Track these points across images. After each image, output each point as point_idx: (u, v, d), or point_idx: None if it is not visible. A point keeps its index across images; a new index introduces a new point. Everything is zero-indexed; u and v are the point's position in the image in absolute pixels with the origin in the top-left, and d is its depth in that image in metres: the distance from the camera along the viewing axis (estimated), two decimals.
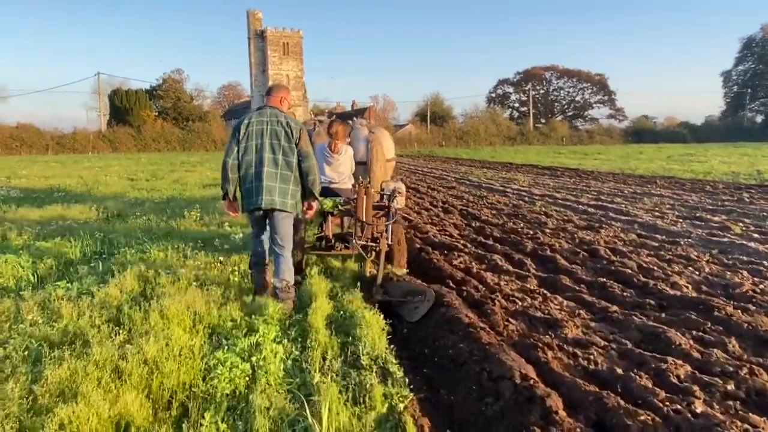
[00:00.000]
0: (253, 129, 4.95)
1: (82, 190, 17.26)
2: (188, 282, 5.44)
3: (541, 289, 5.70)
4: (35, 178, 23.34)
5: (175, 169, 28.87)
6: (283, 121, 4.97)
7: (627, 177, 20.90)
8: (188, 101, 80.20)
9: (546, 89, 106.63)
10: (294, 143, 5.00)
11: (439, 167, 30.62)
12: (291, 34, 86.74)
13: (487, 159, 39.14)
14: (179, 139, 65.61)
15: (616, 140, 79.15)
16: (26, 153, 56.72)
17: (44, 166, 32.34)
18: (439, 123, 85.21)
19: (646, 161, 33.01)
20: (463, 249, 7.66)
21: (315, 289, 5.42)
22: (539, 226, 9.71)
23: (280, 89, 5.31)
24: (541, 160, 35.76)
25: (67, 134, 62.08)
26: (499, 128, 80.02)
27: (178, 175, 23.56)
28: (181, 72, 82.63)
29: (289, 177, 4.97)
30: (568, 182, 19.18)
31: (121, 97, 73.99)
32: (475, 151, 57.67)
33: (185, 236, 7.89)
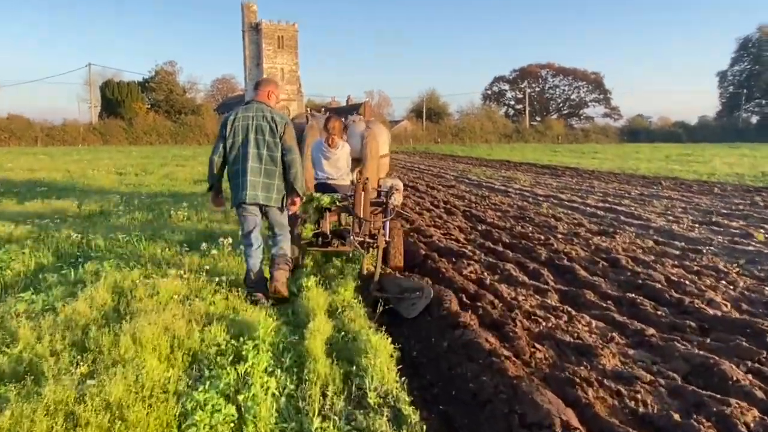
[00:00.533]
0: (239, 124, 4.96)
1: (67, 185, 16.53)
2: (169, 295, 4.80)
3: (565, 306, 5.10)
4: (20, 170, 22.54)
5: (166, 163, 28.10)
6: (269, 116, 4.97)
7: (629, 177, 20.38)
8: (181, 94, 79.05)
9: (542, 87, 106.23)
10: (278, 138, 4.99)
11: (436, 164, 30.03)
12: (286, 28, 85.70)
13: (484, 156, 38.60)
14: (171, 133, 64.60)
15: (611, 139, 78.86)
16: (15, 145, 55.57)
17: (31, 159, 31.47)
18: (435, 119, 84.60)
19: (644, 161, 32.56)
20: (472, 256, 7.05)
21: (312, 305, 4.80)
22: (549, 230, 9.13)
23: (268, 83, 5.30)
24: (539, 158, 35.27)
25: (57, 126, 60.99)
26: (495, 125, 79.53)
27: (169, 170, 22.84)
28: (174, 64, 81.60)
29: (273, 172, 4.99)
30: (571, 182, 18.63)
31: (112, 89, 72.77)
32: (471, 149, 57.08)
33: (169, 239, 7.23)
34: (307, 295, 5.03)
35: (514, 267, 6.51)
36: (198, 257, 6.30)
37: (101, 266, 5.77)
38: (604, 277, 6.17)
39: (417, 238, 8.28)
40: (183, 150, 47.06)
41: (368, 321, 4.68)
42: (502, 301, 5.24)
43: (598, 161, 32.24)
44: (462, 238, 8.50)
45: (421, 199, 13.70)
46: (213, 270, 5.74)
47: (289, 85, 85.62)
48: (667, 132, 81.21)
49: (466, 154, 42.71)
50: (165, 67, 78.90)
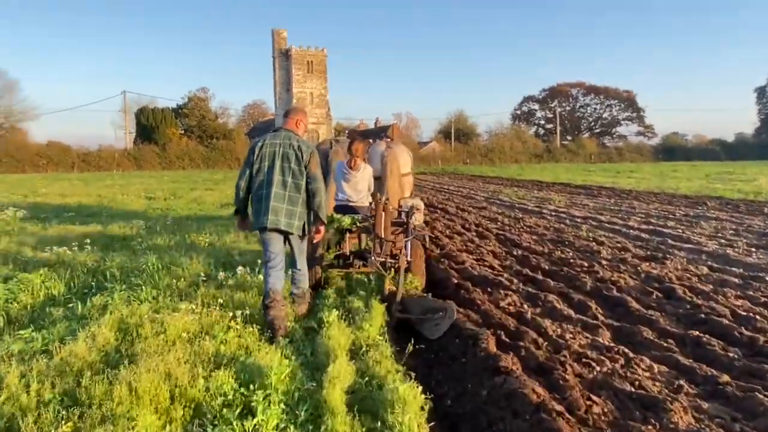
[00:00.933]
0: (266, 151, 5.04)
1: (95, 210, 16.52)
2: (177, 333, 4.37)
3: (620, 346, 4.48)
4: (53, 195, 22.85)
5: (195, 187, 28.24)
6: (295, 144, 5.04)
7: (671, 197, 19.44)
8: (213, 119, 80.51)
9: (572, 106, 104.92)
10: (304, 166, 5.03)
11: (465, 185, 29.45)
12: (315, 53, 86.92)
13: (515, 177, 37.83)
14: (203, 157, 65.57)
15: (646, 158, 76.90)
16: (53, 170, 57.10)
17: (66, 184, 32.06)
18: (464, 140, 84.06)
19: (684, 180, 31.38)
20: (509, 286, 6.46)
21: (333, 344, 4.30)
22: (592, 255, 8.47)
23: (296, 112, 5.39)
24: (573, 178, 34.36)
25: (93, 152, 62.50)
26: (525, 145, 78.52)
27: (198, 194, 22.84)
28: (206, 90, 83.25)
29: (297, 199, 5.02)
30: (608, 202, 17.83)
31: (147, 116, 74.58)
32: (501, 169, 56.32)
33: (187, 268, 6.86)
34: (328, 333, 4.53)
35: (556, 298, 5.91)
36: (214, 288, 5.88)
37: (111, 299, 5.40)
38: (660, 311, 5.51)
39: (448, 265, 7.74)
40: (213, 174, 47.58)
41: (395, 363, 4.15)
42: (546, 339, 4.65)
43: (635, 180, 31.20)
44: (497, 265, 7.92)
45: (452, 221, 13.15)
46: (228, 303, 5.30)
47: (318, 108, 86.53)
48: (704, 150, 78.91)
49: (496, 175, 42.01)
50: (198, 94, 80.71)
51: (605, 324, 5.10)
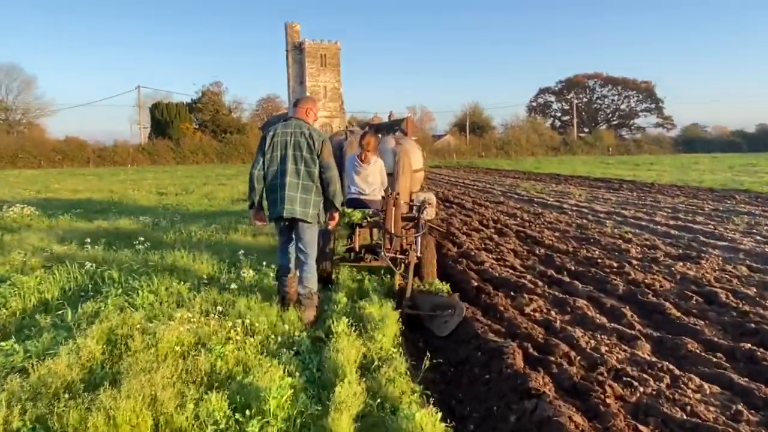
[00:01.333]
0: (278, 140, 5.06)
1: (106, 205, 16.27)
2: (170, 346, 3.96)
3: (663, 362, 3.98)
4: (65, 191, 22.70)
5: (208, 182, 28.01)
6: (306, 133, 5.05)
7: (695, 190, 18.72)
8: (227, 114, 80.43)
9: (589, 97, 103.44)
10: (316, 154, 5.04)
11: (481, 179, 28.85)
12: (329, 46, 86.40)
13: (532, 170, 37.07)
14: (217, 152, 65.54)
15: (665, 150, 75.41)
16: (68, 166, 57.42)
17: (80, 180, 32.03)
18: (479, 133, 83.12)
19: (707, 172, 30.49)
20: (533, 289, 5.98)
21: (342, 360, 3.86)
22: (620, 254, 7.94)
23: (306, 101, 5.40)
24: (591, 171, 33.60)
25: (108, 147, 62.75)
26: (542, 138, 77.38)
27: (210, 189, 22.56)
28: (219, 85, 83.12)
29: (310, 187, 5.05)
30: (631, 196, 17.18)
31: (162, 111, 74.66)
32: (516, 162, 55.49)
33: (188, 271, 6.46)
34: (336, 345, 4.09)
35: (586, 304, 5.41)
36: (216, 292, 5.47)
37: (104, 305, 5.02)
38: (702, 318, 4.99)
39: (467, 265, 7.26)
40: (226, 169, 47.43)
41: (411, 381, 3.71)
42: (580, 353, 4.16)
43: (656, 173, 30.37)
44: (518, 265, 7.43)
45: (468, 217, 12.64)
46: (228, 310, 4.89)
47: (331, 102, 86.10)
48: (726, 141, 77.16)
49: (513, 168, 41.29)
50: (211, 88, 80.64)
51: (644, 334, 4.60)
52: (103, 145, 63.80)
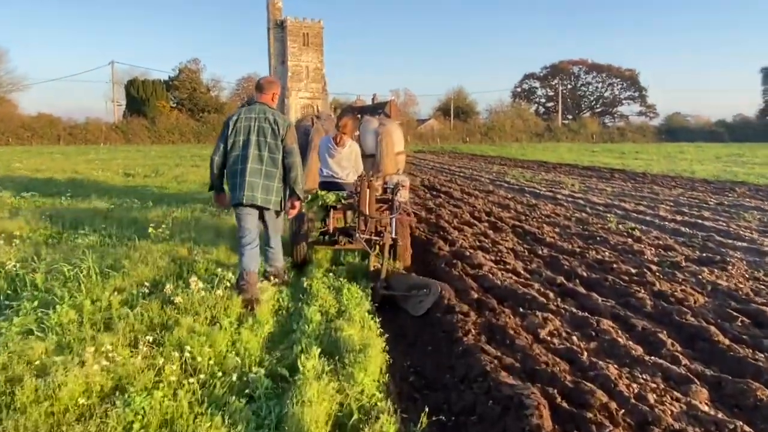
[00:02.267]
0: (241, 125, 4.99)
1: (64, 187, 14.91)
2: (72, 398, 2.89)
3: (735, 421, 3.02)
4: (25, 170, 21.20)
5: (181, 163, 26.60)
6: (271, 118, 5.00)
7: (690, 182, 17.99)
8: (205, 92, 78.00)
9: (574, 84, 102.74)
10: (280, 140, 5.00)
11: (467, 165, 27.89)
12: (311, 25, 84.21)
13: (518, 157, 36.27)
14: (194, 131, 63.43)
15: (648, 138, 75.14)
16: (37, 143, 55.06)
17: (45, 158, 30.32)
18: (463, 118, 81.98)
19: (695, 162, 29.98)
20: (546, 304, 4.99)
21: (308, 418, 2.83)
22: (635, 256, 7.01)
23: (271, 86, 5.28)
24: (578, 159, 32.84)
25: (80, 124, 60.19)
26: (526, 124, 76.55)
27: (181, 171, 21.22)
28: (197, 62, 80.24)
29: (273, 174, 4.99)
30: (626, 187, 16.37)
31: (137, 88, 72.11)
32: (501, 148, 54.56)
33: (129, 273, 5.34)
34: (303, 393, 3.05)
35: (612, 325, 4.44)
36: (156, 307, 4.39)
37: (9, 326, 3.90)
38: (758, 348, 4.05)
39: (462, 269, 6.25)
40: (203, 149, 45.60)
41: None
42: (623, 404, 3.18)
43: (644, 162, 29.71)
44: (521, 269, 6.44)
45: (458, 208, 11.65)
46: (165, 337, 3.81)
47: (314, 83, 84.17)
48: (708, 131, 77.14)
49: (498, 154, 40.42)
50: (189, 65, 78.05)
51: (695, 373, 3.64)
52: (75, 122, 61.29)
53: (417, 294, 5.06)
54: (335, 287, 5.41)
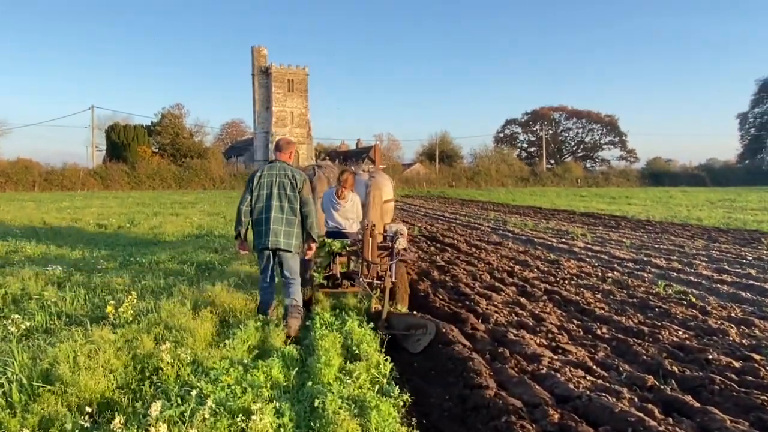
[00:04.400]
0: (264, 180, 5.87)
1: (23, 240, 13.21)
2: None
3: None
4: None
5: (161, 211, 24.96)
6: (290, 174, 5.89)
7: (705, 230, 16.88)
8: (187, 137, 76.87)
9: (555, 130, 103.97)
10: (298, 192, 5.86)
11: (461, 212, 26.71)
12: (296, 71, 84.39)
13: (509, 202, 35.36)
14: (175, 177, 61.64)
15: (632, 183, 75.24)
16: (12, 190, 52.81)
17: (15, 206, 28.40)
18: (447, 162, 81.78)
19: (692, 207, 29.22)
20: (655, 428, 3.53)
21: None
22: (717, 338, 5.63)
23: (289, 146, 6.25)
24: (572, 205, 32.00)
25: (56, 170, 58.00)
26: (511, 168, 76.23)
27: (159, 221, 19.59)
28: (180, 107, 79.57)
29: (293, 221, 5.85)
30: (641, 237, 15.17)
31: (118, 133, 70.79)
32: (488, 192, 53.93)
33: (68, 389, 3.78)
34: None
35: None
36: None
37: None
38: None
39: (517, 365, 4.79)
40: (184, 195, 44.04)
41: None
42: None
43: (641, 208, 28.85)
44: (588, 359, 5.01)
45: (472, 265, 10.28)
46: None
47: (299, 128, 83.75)
48: (691, 175, 77.59)
49: (488, 199, 39.53)
50: (172, 111, 77.10)
51: None
52: (51, 167, 59.16)
53: (415, 333, 5.60)
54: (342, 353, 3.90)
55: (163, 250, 11.48)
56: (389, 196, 8.99)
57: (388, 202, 8.92)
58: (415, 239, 14.86)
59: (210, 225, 18.05)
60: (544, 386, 4.30)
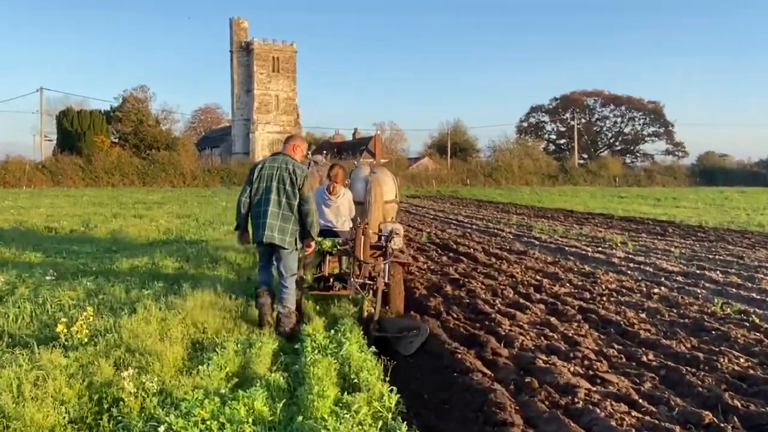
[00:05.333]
0: (265, 173, 6.80)
1: None
2: None
3: None
4: None
5: (121, 212, 24.99)
6: (291, 168, 6.77)
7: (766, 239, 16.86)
8: (153, 125, 77.04)
9: (588, 118, 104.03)
10: (297, 188, 6.74)
11: (477, 215, 26.74)
12: (282, 48, 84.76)
13: (534, 204, 35.45)
14: (139, 172, 61.52)
15: (681, 181, 75.35)
16: None
17: None
18: (461, 156, 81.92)
19: (750, 211, 29.51)
20: None
21: None
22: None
23: (295, 139, 7.36)
24: (609, 207, 32.18)
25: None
26: (537, 164, 76.28)
27: (120, 224, 19.64)
28: (145, 90, 79.64)
29: (289, 217, 6.73)
30: (691, 245, 15.26)
31: (71, 119, 70.79)
32: (510, 192, 54.07)
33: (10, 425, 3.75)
34: None
35: None
36: None
37: None
38: None
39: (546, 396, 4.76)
40: (150, 194, 44.12)
41: None
42: None
43: (692, 212, 28.93)
44: (632, 390, 4.98)
45: (492, 279, 10.28)
46: None
47: (285, 115, 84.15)
48: (750, 173, 77.69)
49: (509, 200, 39.66)
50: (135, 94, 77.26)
51: None
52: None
53: (407, 335, 6.36)
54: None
55: (125, 259, 11.49)
56: (391, 197, 9.50)
57: (389, 203, 9.43)
58: (423, 247, 14.90)
59: (180, 229, 18.09)
60: (581, 423, 4.27)
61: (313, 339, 5.96)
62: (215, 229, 18.08)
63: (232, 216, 8.40)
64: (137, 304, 6.97)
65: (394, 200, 9.70)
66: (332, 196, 8.17)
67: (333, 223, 8.16)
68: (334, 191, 8.17)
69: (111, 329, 5.98)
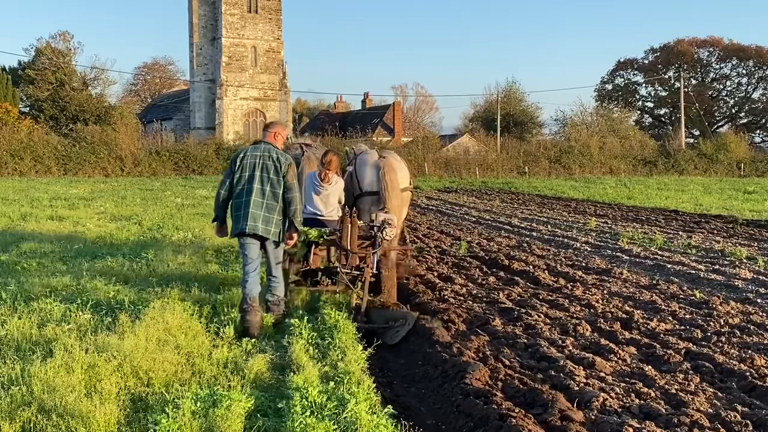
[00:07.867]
0: (247, 162, 8.94)
1: None
2: None
3: None
4: None
5: (32, 212, 25.28)
6: (274, 156, 8.95)
7: None
8: (79, 88, 78.13)
9: (701, 78, 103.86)
10: (282, 176, 8.89)
11: (540, 216, 26.78)
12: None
13: (623, 201, 35.74)
14: (59, 155, 62.09)
15: None
16: None
17: None
18: (517, 132, 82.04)
19: None
20: None
21: None
22: None
23: (275, 126, 9.74)
24: (731, 207, 32.35)
25: None
26: (626, 144, 76.10)
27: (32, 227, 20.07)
28: (68, 38, 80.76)
29: (274, 207, 8.88)
30: None
31: None
32: (587, 184, 54.00)
33: None
34: None
35: None
36: None
37: None
38: None
39: None
40: (74, 186, 44.64)
41: None
42: None
43: None
44: None
45: (560, 309, 10.43)
46: None
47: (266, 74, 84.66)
48: None
49: (586, 195, 40.01)
50: (53, 44, 78.26)
51: None
52: None
53: (394, 325, 9.08)
54: None
55: (36, 278, 11.67)
56: (406, 183, 11.75)
57: (405, 190, 11.62)
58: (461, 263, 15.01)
59: (116, 236, 18.29)
60: None
61: (305, 394, 5.95)
62: (166, 236, 18.27)
63: (189, 218, 9.83)
64: (54, 345, 7.08)
65: (408, 187, 11.98)
66: (324, 183, 10.40)
67: (321, 212, 10.47)
68: (326, 178, 10.38)
69: (17, 380, 6.09)
